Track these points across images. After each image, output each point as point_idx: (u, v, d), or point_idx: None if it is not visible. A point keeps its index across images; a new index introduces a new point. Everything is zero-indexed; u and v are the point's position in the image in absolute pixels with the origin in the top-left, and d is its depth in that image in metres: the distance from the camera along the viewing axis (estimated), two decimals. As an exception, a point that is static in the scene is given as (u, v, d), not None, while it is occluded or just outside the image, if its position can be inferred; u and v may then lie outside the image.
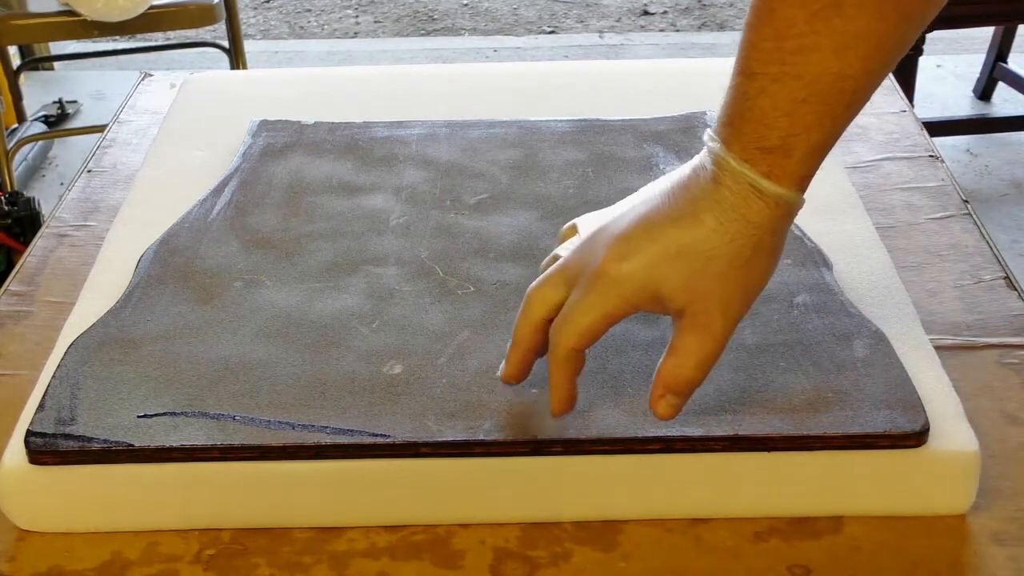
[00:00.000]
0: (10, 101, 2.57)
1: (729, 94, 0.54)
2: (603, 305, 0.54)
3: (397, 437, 0.55)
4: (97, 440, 0.55)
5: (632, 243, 0.53)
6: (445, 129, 0.85)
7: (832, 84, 0.51)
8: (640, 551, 0.55)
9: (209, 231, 0.72)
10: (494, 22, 3.44)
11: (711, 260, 0.52)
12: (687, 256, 0.53)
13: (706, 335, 0.53)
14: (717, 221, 0.52)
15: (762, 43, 0.52)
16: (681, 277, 0.53)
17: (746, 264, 0.53)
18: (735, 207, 0.52)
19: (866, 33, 0.51)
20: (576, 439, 0.55)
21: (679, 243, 0.53)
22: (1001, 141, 2.61)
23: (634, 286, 0.53)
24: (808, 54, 0.51)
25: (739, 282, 0.53)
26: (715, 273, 0.53)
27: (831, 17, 0.50)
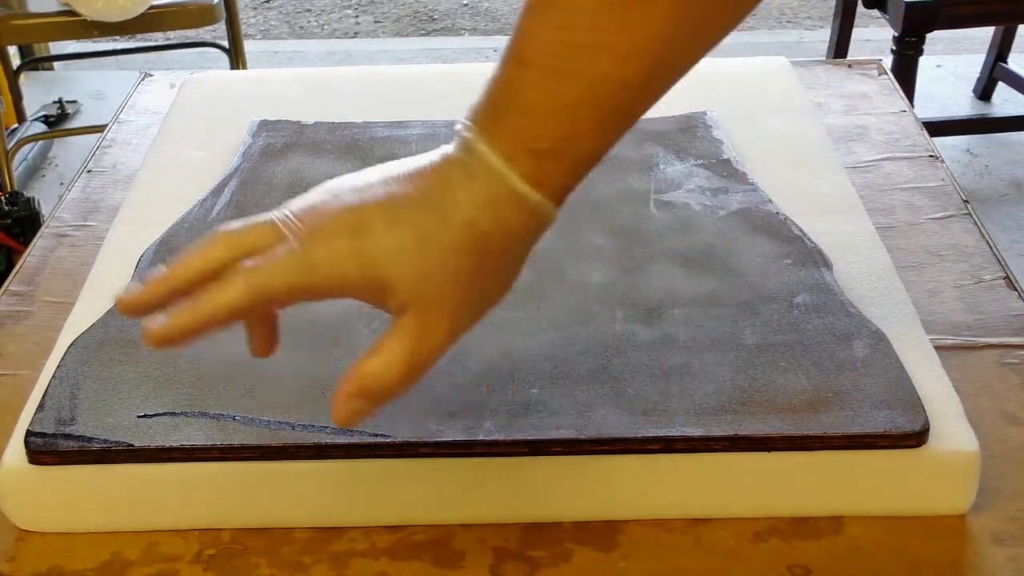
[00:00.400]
0: (10, 101, 2.57)
1: (495, 81, 0.48)
2: (309, 272, 0.46)
3: (397, 437, 0.55)
4: (97, 440, 0.55)
5: (368, 221, 0.47)
6: (445, 129, 0.85)
7: (614, 91, 0.47)
8: (640, 551, 0.55)
9: (209, 231, 0.72)
10: (494, 22, 3.44)
11: (453, 259, 0.47)
12: (428, 249, 0.47)
13: (426, 339, 0.47)
14: (465, 219, 0.47)
15: (542, 31, 0.47)
16: (416, 271, 0.47)
17: (492, 271, 0.48)
18: (490, 208, 0.47)
19: (658, 40, 0.46)
20: (576, 439, 0.55)
21: (423, 233, 0.47)
22: (1001, 141, 2.61)
23: (356, 267, 0.47)
24: (593, 52, 0.46)
25: (477, 289, 0.48)
26: (455, 274, 0.47)
27: (625, 14, 0.45)
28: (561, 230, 0.72)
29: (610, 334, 0.62)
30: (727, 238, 0.71)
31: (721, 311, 0.64)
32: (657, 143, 0.83)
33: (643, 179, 0.78)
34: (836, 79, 0.99)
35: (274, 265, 0.46)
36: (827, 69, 1.01)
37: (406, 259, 0.47)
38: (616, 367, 0.60)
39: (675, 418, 0.56)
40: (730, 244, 0.70)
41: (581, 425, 0.56)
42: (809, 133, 0.85)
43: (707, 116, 0.86)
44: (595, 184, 0.77)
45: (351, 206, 0.47)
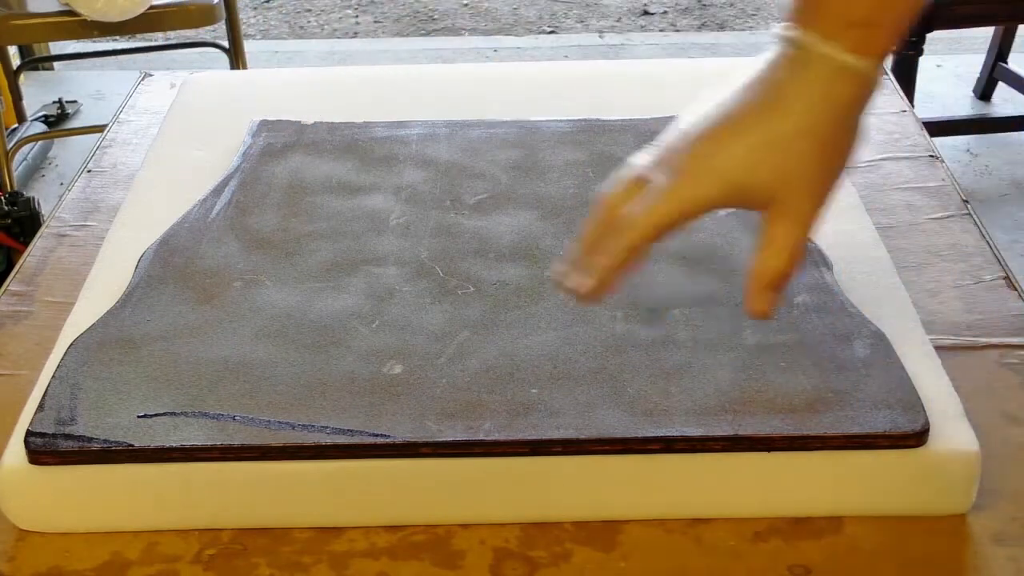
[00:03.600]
0: (10, 101, 2.57)
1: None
2: (690, 197, 0.54)
3: (397, 437, 0.55)
4: (97, 440, 0.55)
5: (723, 137, 0.53)
6: (445, 129, 0.85)
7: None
8: (640, 551, 0.55)
9: (209, 231, 0.72)
10: (494, 22, 3.44)
11: (798, 144, 0.52)
12: (775, 145, 0.52)
13: (796, 221, 0.53)
14: (804, 105, 0.52)
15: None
16: (769, 166, 0.53)
17: (832, 145, 0.53)
18: (822, 88, 0.52)
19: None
20: (576, 439, 0.55)
21: (767, 133, 0.52)
22: (1001, 141, 2.61)
23: (723, 182, 0.53)
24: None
25: (825, 163, 0.53)
26: (802, 157, 0.52)
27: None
28: (561, 230, 0.72)
29: (610, 334, 0.62)
30: (727, 238, 0.71)
31: (721, 311, 0.64)
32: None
33: (643, 179, 0.78)
34: (836, 79, 0.99)
35: (656, 204, 0.54)
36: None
37: (758, 164, 0.53)
38: (616, 367, 0.60)
39: (675, 418, 0.56)
40: (730, 244, 0.70)
41: (581, 425, 0.56)
42: (809, 133, 0.85)
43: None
44: (595, 184, 0.78)
45: (699, 136, 0.54)
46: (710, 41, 3.30)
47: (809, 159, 0.53)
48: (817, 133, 0.52)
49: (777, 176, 0.53)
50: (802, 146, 0.52)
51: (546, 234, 0.72)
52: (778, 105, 0.53)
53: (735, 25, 3.37)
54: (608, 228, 0.55)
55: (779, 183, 0.53)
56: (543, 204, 0.76)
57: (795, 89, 0.53)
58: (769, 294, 0.55)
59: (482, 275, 0.68)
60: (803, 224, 0.54)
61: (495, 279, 0.67)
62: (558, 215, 0.74)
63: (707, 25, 3.42)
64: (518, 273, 0.68)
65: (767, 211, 0.54)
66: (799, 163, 0.53)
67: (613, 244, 0.55)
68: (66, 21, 2.16)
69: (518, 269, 0.68)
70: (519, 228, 0.73)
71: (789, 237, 0.54)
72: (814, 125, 0.52)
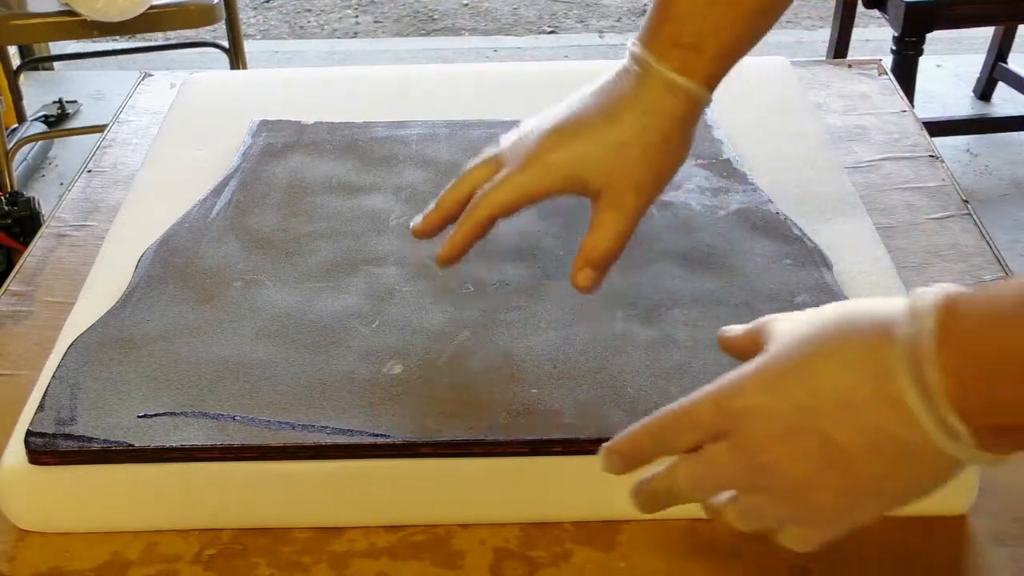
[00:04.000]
0: (10, 101, 2.57)
1: (653, 5, 0.62)
2: (528, 185, 0.61)
3: (397, 437, 0.55)
4: (97, 440, 0.55)
5: (563, 137, 0.61)
6: (445, 129, 0.85)
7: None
8: (640, 551, 0.55)
9: (209, 231, 0.72)
10: (494, 22, 3.44)
11: (627, 148, 0.60)
12: (608, 146, 0.60)
13: (620, 212, 0.60)
14: (634, 116, 0.60)
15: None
16: (601, 164, 0.60)
17: (657, 151, 0.60)
18: (650, 102, 0.60)
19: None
20: (576, 439, 0.55)
21: (602, 136, 0.60)
22: (1001, 141, 2.61)
23: (561, 173, 0.61)
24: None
25: (651, 167, 0.61)
26: (630, 159, 0.60)
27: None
28: (561, 230, 0.72)
29: (610, 334, 0.62)
30: (727, 238, 0.71)
31: (721, 311, 0.64)
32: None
33: (643, 179, 0.78)
34: (836, 79, 0.99)
35: (500, 188, 0.61)
36: (827, 69, 1.01)
37: (589, 163, 0.60)
38: (615, 367, 0.60)
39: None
40: (730, 244, 0.70)
41: (581, 425, 0.56)
42: (809, 133, 0.85)
43: (707, 116, 0.86)
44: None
45: (547, 131, 0.61)
46: (710, 41, 3.29)
47: (634, 163, 0.60)
48: (643, 141, 0.60)
49: (605, 174, 0.60)
50: (629, 152, 0.60)
51: (546, 234, 0.72)
52: (612, 114, 0.60)
53: (735, 25, 3.36)
54: (462, 202, 0.63)
55: (606, 179, 0.60)
56: (543, 204, 0.75)
57: (628, 101, 0.60)
58: (591, 272, 0.61)
59: (482, 275, 0.68)
60: (627, 215, 0.60)
61: (495, 279, 0.67)
62: (558, 215, 0.74)
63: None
64: (518, 273, 0.68)
65: (598, 200, 0.61)
66: (624, 165, 0.60)
67: (463, 219, 0.62)
68: (66, 21, 2.16)
69: (518, 269, 0.68)
70: (519, 228, 0.73)
71: (615, 225, 0.60)
72: (640, 134, 0.60)
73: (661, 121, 0.60)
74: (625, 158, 0.60)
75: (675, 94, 0.60)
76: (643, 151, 0.60)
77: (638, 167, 0.60)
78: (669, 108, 0.60)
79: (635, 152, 0.60)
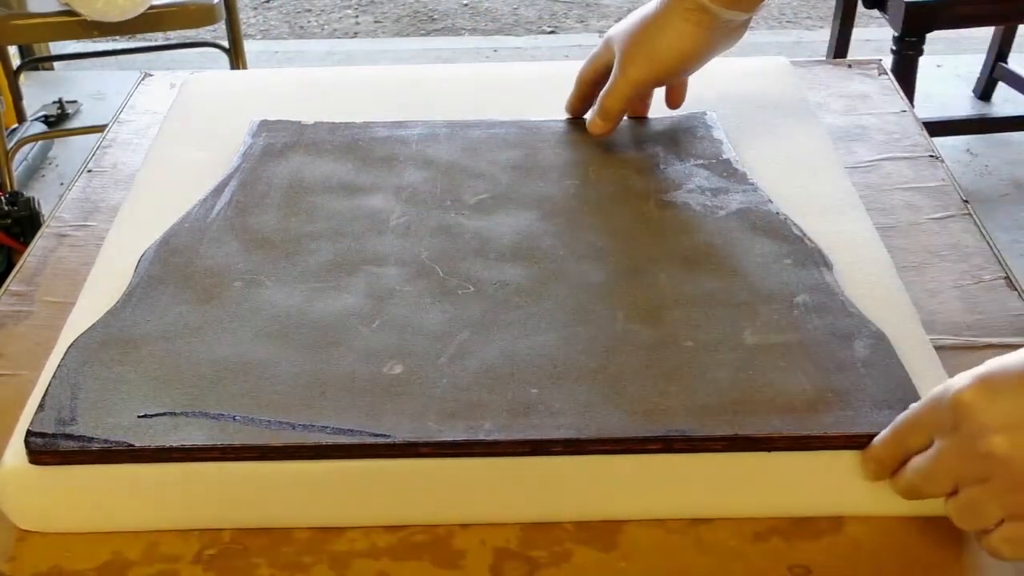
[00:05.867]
0: (10, 101, 2.57)
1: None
2: (627, 83, 0.81)
3: (397, 437, 0.55)
4: (97, 440, 0.55)
5: (623, 53, 0.81)
6: (445, 129, 0.85)
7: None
8: (640, 551, 0.55)
9: (209, 231, 0.72)
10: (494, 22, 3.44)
11: (633, 29, 0.80)
12: (626, 26, 0.81)
13: (623, 75, 0.80)
14: (652, 8, 0.80)
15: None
16: (622, 36, 0.81)
17: (652, 38, 0.79)
18: (691, 21, 0.78)
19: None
20: (576, 439, 0.55)
21: (630, 20, 0.81)
22: (1001, 141, 2.61)
23: (606, 43, 0.83)
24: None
25: (644, 48, 0.80)
26: (631, 38, 0.80)
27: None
28: (561, 230, 0.72)
29: (610, 334, 0.62)
30: (727, 238, 0.71)
31: (721, 311, 0.64)
32: (657, 143, 0.83)
33: (643, 179, 0.78)
34: (836, 79, 0.99)
35: (608, 94, 0.82)
36: (827, 69, 1.01)
37: (618, 33, 0.82)
38: (616, 367, 0.60)
39: (675, 418, 0.56)
40: (730, 244, 0.70)
41: (581, 425, 0.56)
42: (809, 133, 0.85)
43: (707, 116, 0.86)
44: (595, 184, 0.78)
45: (619, 43, 0.82)
46: (710, 41, 3.29)
47: (639, 41, 0.80)
48: (647, 26, 0.79)
49: (620, 43, 0.81)
50: (635, 28, 0.80)
51: (546, 234, 0.72)
52: (655, 29, 0.79)
53: (735, 25, 3.36)
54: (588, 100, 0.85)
55: (620, 48, 0.81)
56: (543, 204, 0.76)
57: (666, 19, 0.79)
58: (598, 120, 0.82)
59: (482, 275, 0.68)
60: (626, 79, 0.80)
61: (495, 279, 0.67)
62: (558, 215, 0.74)
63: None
64: (518, 273, 0.68)
65: (615, 70, 0.81)
66: (632, 42, 0.80)
67: (594, 112, 0.83)
68: (66, 21, 2.16)
69: (518, 269, 0.68)
70: (519, 228, 0.73)
71: (618, 84, 0.81)
72: (647, 18, 0.79)
73: (662, 14, 0.78)
74: (627, 36, 0.80)
75: (715, 18, 0.77)
76: (640, 35, 0.79)
77: (633, 45, 0.80)
78: (674, 4, 0.78)
79: (635, 33, 0.80)
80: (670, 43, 0.79)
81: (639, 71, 0.80)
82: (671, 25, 0.78)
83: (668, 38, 0.78)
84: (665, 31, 0.78)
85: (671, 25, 0.78)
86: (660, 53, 0.79)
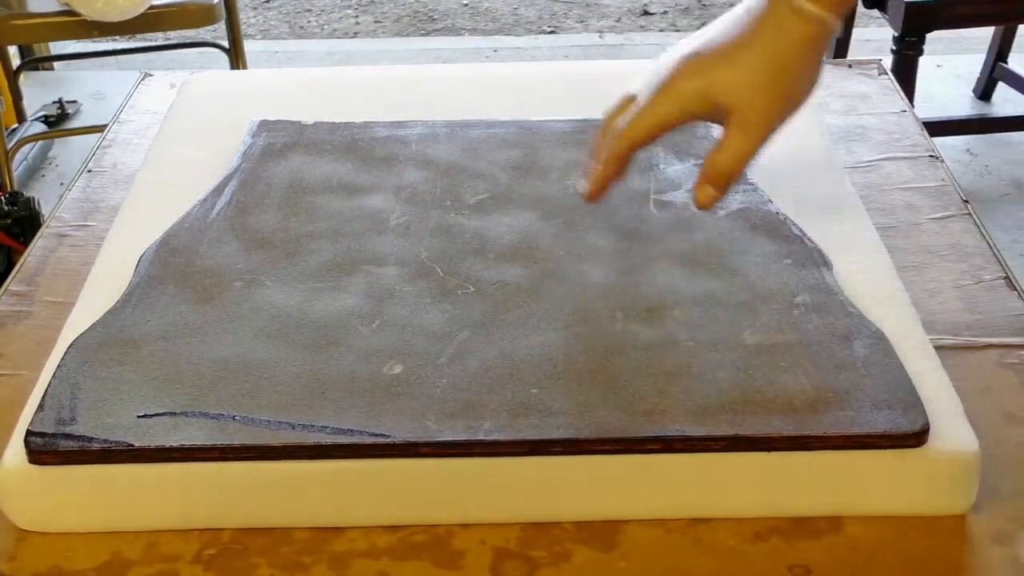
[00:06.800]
0: (10, 101, 2.57)
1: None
2: (661, 113, 0.65)
3: (397, 437, 0.55)
4: (97, 440, 0.55)
5: (692, 64, 0.65)
6: (445, 129, 0.85)
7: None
8: (640, 551, 0.55)
9: (209, 231, 0.72)
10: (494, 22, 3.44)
11: (755, 71, 0.63)
12: (736, 69, 0.64)
13: (745, 133, 0.64)
14: (761, 41, 0.64)
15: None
16: (729, 86, 0.64)
17: (784, 75, 0.64)
18: (777, 26, 0.63)
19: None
20: (576, 439, 0.55)
21: (731, 60, 0.64)
22: (1001, 141, 2.61)
23: (692, 98, 0.65)
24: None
25: (778, 90, 0.64)
26: (758, 82, 0.63)
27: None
28: (561, 230, 0.72)
29: (610, 334, 0.62)
30: (727, 238, 0.71)
31: (721, 311, 0.64)
32: (657, 143, 0.83)
33: (643, 179, 0.78)
34: (836, 79, 0.99)
35: (636, 120, 0.66)
36: (827, 69, 1.01)
37: (722, 82, 0.64)
38: (616, 367, 0.60)
39: (675, 418, 0.56)
40: (730, 244, 0.70)
41: (581, 425, 0.56)
42: (809, 133, 0.85)
43: (707, 116, 0.86)
44: (595, 184, 0.78)
45: (676, 61, 0.66)
46: (710, 41, 3.29)
47: (761, 85, 0.63)
48: (770, 65, 0.63)
49: (733, 95, 0.63)
50: (757, 74, 0.63)
51: (546, 234, 0.72)
52: (740, 39, 0.64)
53: (735, 25, 3.36)
54: (604, 139, 0.68)
55: (735, 100, 0.63)
56: (543, 204, 0.76)
57: (757, 28, 0.64)
58: (711, 189, 0.66)
59: (482, 275, 0.68)
60: (751, 136, 0.64)
61: (495, 279, 0.67)
62: (558, 215, 0.74)
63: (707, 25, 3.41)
64: (518, 273, 0.68)
65: (726, 122, 0.64)
66: (751, 87, 0.63)
67: (605, 156, 0.67)
68: (66, 21, 2.16)
69: (518, 269, 0.68)
70: (519, 228, 0.73)
71: (739, 144, 0.64)
72: (768, 58, 0.63)
73: (790, 47, 0.63)
74: (753, 83, 0.63)
75: (804, 20, 0.63)
76: (772, 76, 0.64)
77: (766, 92, 0.64)
78: (798, 34, 0.63)
79: (762, 75, 0.63)
80: (804, 76, 0.65)
81: (774, 118, 0.65)
82: (803, 57, 0.64)
83: (804, 72, 0.65)
84: (797, 64, 0.64)
85: (803, 57, 0.64)
86: (797, 93, 0.65)
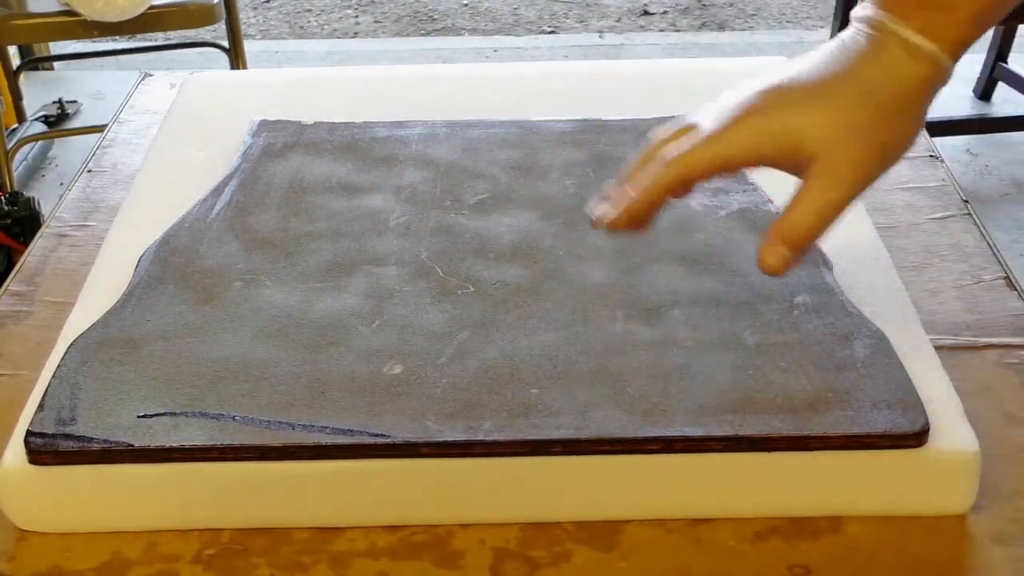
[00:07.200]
0: (10, 101, 2.58)
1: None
2: (730, 147, 0.54)
3: (397, 437, 0.55)
4: (97, 440, 0.55)
5: (776, 98, 0.54)
6: (445, 129, 0.85)
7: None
8: (640, 551, 0.55)
9: (209, 231, 0.72)
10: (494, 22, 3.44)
11: (853, 116, 0.53)
12: (830, 111, 0.53)
13: (832, 186, 0.53)
14: (864, 81, 0.53)
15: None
16: (818, 129, 0.53)
17: (887, 123, 0.53)
18: (886, 65, 0.53)
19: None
20: (576, 439, 0.55)
21: (823, 100, 0.53)
22: (1001, 141, 2.61)
23: (770, 136, 0.54)
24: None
25: (877, 140, 0.53)
26: (855, 128, 0.53)
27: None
28: (561, 230, 0.72)
29: (610, 334, 0.62)
30: (727, 238, 0.71)
31: (721, 311, 0.64)
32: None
33: (643, 179, 0.78)
34: (836, 79, 0.99)
35: (698, 147, 0.55)
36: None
37: (811, 125, 0.53)
38: (616, 367, 0.60)
39: (675, 418, 0.56)
40: (730, 244, 0.70)
41: (581, 425, 0.56)
42: (809, 133, 0.85)
43: (707, 116, 0.86)
44: (595, 184, 0.78)
45: (756, 93, 0.55)
46: (710, 41, 3.30)
47: (858, 132, 0.53)
48: (872, 110, 0.53)
49: (822, 141, 0.53)
50: (855, 119, 0.53)
51: (546, 234, 0.72)
52: (839, 77, 0.53)
53: (735, 25, 3.37)
54: (647, 163, 0.57)
55: (822, 147, 0.53)
56: (543, 204, 0.76)
57: (859, 65, 0.53)
58: (784, 250, 0.55)
59: (482, 275, 0.68)
60: (839, 190, 0.53)
61: (495, 279, 0.67)
62: (558, 215, 0.74)
63: (707, 25, 3.42)
64: (518, 273, 0.68)
65: (807, 171, 0.54)
66: (846, 133, 0.53)
67: (645, 177, 0.56)
68: (66, 21, 2.16)
69: (518, 269, 0.68)
70: (519, 228, 0.73)
71: (823, 199, 0.54)
72: (870, 101, 0.53)
73: (897, 87, 0.53)
74: (848, 126, 0.53)
75: (916, 58, 0.52)
76: (871, 120, 0.53)
77: (862, 137, 0.53)
78: (908, 73, 0.53)
79: (862, 120, 0.53)
80: (907, 127, 0.55)
81: (867, 172, 0.54)
82: (910, 103, 0.54)
83: (907, 121, 0.54)
84: (902, 111, 0.54)
85: (910, 103, 0.54)
86: (897, 146, 0.55)
